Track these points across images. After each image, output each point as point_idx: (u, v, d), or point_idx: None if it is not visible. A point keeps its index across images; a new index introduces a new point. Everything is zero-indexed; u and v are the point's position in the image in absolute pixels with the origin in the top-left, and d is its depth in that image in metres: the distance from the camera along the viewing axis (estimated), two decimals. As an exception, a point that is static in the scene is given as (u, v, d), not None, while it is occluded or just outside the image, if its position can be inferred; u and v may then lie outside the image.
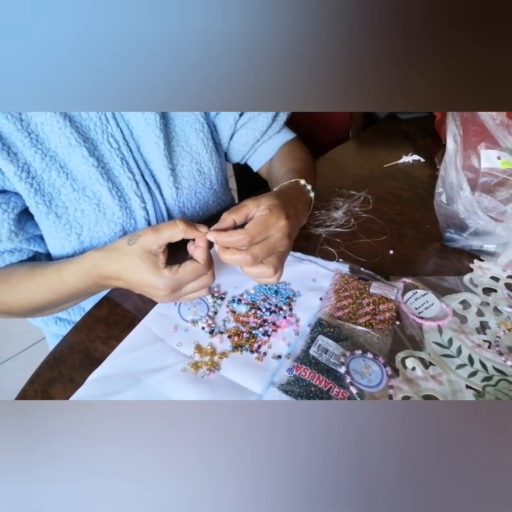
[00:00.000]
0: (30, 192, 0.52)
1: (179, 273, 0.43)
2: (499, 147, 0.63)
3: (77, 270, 0.48)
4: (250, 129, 0.71)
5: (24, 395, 0.46)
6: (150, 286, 0.44)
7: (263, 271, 0.45)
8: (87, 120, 0.55)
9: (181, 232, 0.43)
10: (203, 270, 0.44)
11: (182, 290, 0.45)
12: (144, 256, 0.43)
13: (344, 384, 0.45)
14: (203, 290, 0.48)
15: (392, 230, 0.69)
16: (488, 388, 0.45)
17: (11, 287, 0.53)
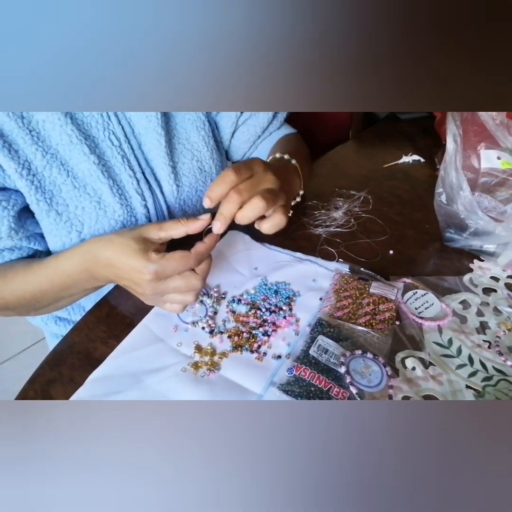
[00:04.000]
0: (31, 189, 0.52)
1: (166, 258, 0.42)
2: (499, 147, 0.63)
3: (72, 253, 0.48)
4: (251, 125, 0.71)
5: (24, 395, 0.46)
6: (135, 269, 0.43)
7: (255, 205, 0.43)
8: (89, 118, 0.55)
9: (183, 225, 0.43)
10: (192, 260, 0.43)
11: (166, 282, 0.44)
12: (139, 239, 0.43)
13: (344, 384, 0.45)
14: (189, 295, 0.45)
15: (392, 230, 0.69)
16: (488, 388, 0.45)
17: (8, 281, 0.53)
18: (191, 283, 0.44)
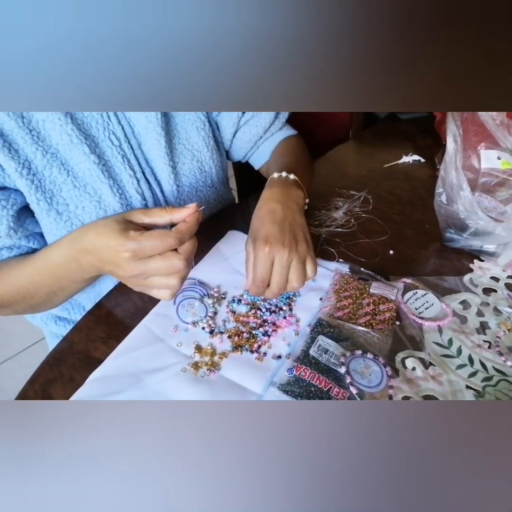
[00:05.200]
0: (31, 189, 0.52)
1: (144, 235, 0.41)
2: (499, 147, 0.63)
3: (60, 243, 0.48)
4: (253, 126, 0.71)
5: (24, 395, 0.46)
6: (113, 248, 0.42)
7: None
8: (89, 118, 0.55)
9: (168, 212, 0.43)
10: (171, 238, 0.41)
11: (146, 262, 0.42)
12: (121, 220, 0.42)
13: (344, 384, 0.45)
14: (173, 278, 0.43)
15: (392, 230, 0.69)
16: (488, 388, 0.45)
17: (2, 276, 0.53)
18: (172, 263, 0.42)
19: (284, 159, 0.68)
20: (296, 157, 0.69)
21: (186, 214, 0.43)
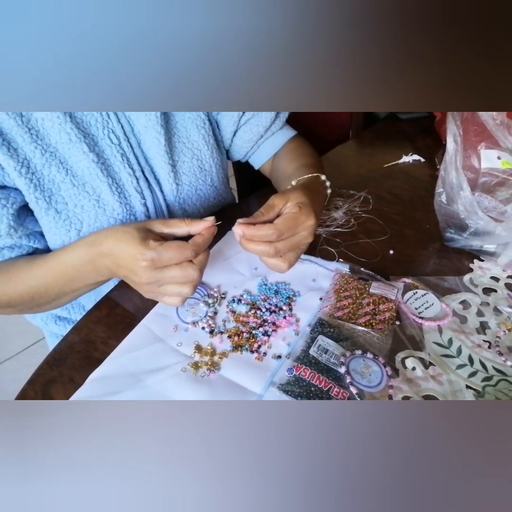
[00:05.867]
0: (30, 187, 0.52)
1: (163, 246, 0.43)
2: (499, 147, 0.63)
3: (78, 245, 0.49)
4: (254, 125, 0.71)
5: (24, 395, 0.46)
6: (132, 256, 0.43)
7: (278, 264, 0.48)
8: (88, 116, 0.55)
9: (187, 225, 0.45)
10: (189, 250, 0.43)
11: (163, 271, 0.44)
12: (141, 229, 0.44)
13: (344, 384, 0.45)
14: (186, 286, 0.45)
15: (392, 230, 0.69)
16: (488, 388, 0.45)
17: (11, 277, 0.53)
18: (188, 273, 0.44)
19: (306, 160, 0.68)
20: (314, 158, 0.70)
21: (203, 227, 0.46)
